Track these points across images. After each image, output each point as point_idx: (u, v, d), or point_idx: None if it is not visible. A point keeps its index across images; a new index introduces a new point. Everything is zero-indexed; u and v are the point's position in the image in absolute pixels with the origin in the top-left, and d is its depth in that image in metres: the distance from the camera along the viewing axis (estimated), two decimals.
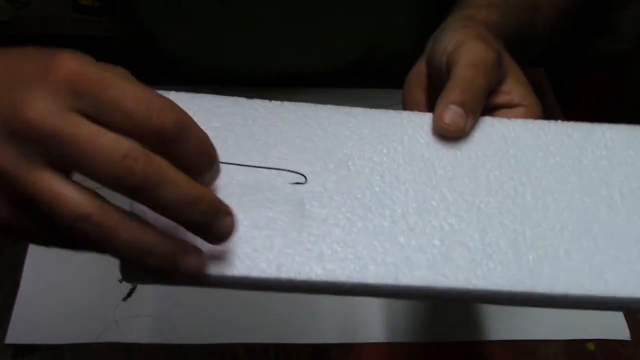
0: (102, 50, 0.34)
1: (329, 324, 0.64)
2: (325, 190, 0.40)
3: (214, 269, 0.37)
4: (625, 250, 0.39)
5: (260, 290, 0.38)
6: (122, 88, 0.33)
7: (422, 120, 0.45)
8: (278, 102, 0.45)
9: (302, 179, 0.40)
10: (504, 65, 0.49)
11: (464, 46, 0.48)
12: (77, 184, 0.33)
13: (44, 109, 0.32)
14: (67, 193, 0.33)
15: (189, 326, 0.63)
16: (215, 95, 0.44)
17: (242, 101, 0.44)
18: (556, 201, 0.41)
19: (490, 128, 0.45)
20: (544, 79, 0.91)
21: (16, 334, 0.62)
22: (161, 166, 0.33)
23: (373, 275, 0.37)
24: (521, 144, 0.44)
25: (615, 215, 0.41)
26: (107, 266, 0.70)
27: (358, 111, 0.45)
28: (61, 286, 0.65)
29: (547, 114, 0.87)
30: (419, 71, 0.54)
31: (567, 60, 1.70)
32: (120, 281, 0.39)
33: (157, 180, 0.32)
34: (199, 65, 0.83)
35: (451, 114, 0.44)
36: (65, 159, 0.32)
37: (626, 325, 0.65)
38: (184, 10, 0.77)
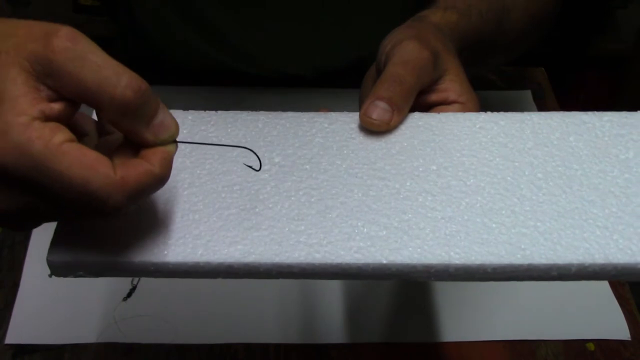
0: None
1: (329, 324, 0.64)
2: (250, 183, 0.42)
3: (142, 256, 0.39)
4: (544, 222, 0.40)
5: (186, 276, 0.40)
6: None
7: (351, 119, 0.47)
8: (212, 112, 0.47)
9: (257, 165, 0.42)
10: (441, 64, 0.50)
11: (398, 45, 0.49)
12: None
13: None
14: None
15: (189, 326, 0.63)
16: None
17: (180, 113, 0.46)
18: (478, 181, 0.43)
19: (418, 121, 0.46)
20: (544, 79, 0.91)
21: (16, 334, 0.62)
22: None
23: (288, 255, 0.39)
24: (447, 133, 0.45)
25: (537, 191, 0.42)
26: None
27: (289, 114, 0.47)
28: (61, 286, 0.65)
29: None
30: (371, 73, 0.55)
31: (567, 60, 1.70)
32: (50, 275, 0.40)
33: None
34: (199, 65, 0.83)
35: (377, 109, 0.45)
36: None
37: (626, 325, 0.65)
38: (183, 11, 0.77)
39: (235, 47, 0.80)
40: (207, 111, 0.46)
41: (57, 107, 0.33)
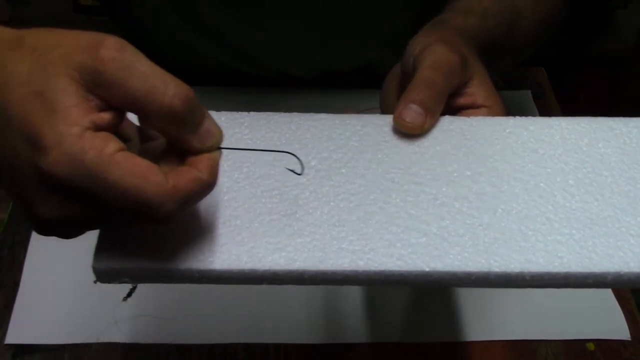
0: None
1: (329, 324, 0.64)
2: (289, 187, 0.42)
3: (188, 263, 0.39)
4: (579, 230, 0.41)
5: (229, 282, 0.40)
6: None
7: (384, 122, 0.47)
8: (244, 113, 0.47)
9: (298, 169, 0.43)
10: (469, 68, 0.50)
11: (428, 49, 0.50)
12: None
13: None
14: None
15: (189, 326, 0.63)
16: None
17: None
18: (512, 187, 0.43)
19: (450, 125, 0.47)
20: (544, 79, 0.91)
21: (16, 334, 0.62)
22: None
23: (332, 262, 0.39)
24: (479, 138, 0.46)
25: (570, 198, 0.43)
26: None
27: (322, 116, 0.47)
28: (61, 286, 0.65)
29: (547, 114, 0.87)
30: (394, 73, 0.55)
31: (567, 60, 1.70)
32: (95, 282, 0.40)
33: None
34: (199, 65, 0.83)
35: (410, 112, 0.46)
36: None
37: (626, 325, 0.65)
38: (183, 11, 0.77)
39: (236, 47, 0.80)
40: (239, 112, 0.46)
41: (106, 116, 0.33)
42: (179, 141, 0.35)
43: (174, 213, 0.34)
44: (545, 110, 0.86)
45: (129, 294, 0.65)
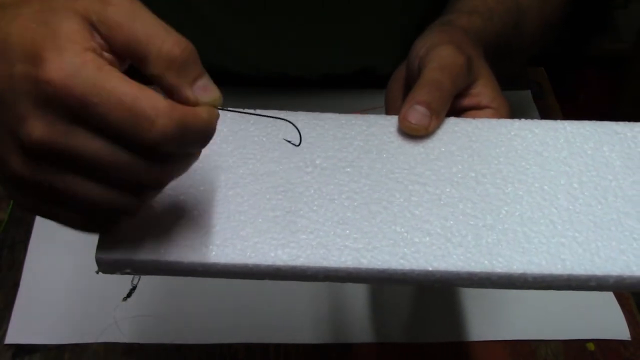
0: None
1: (328, 324, 0.64)
2: (293, 185, 0.43)
3: (191, 256, 0.39)
4: (582, 233, 0.41)
5: (232, 277, 0.40)
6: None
7: (389, 122, 0.47)
8: (250, 110, 0.47)
9: (296, 140, 0.44)
10: (474, 69, 0.50)
11: (434, 50, 0.50)
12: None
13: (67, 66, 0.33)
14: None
15: (189, 326, 0.63)
16: None
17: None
18: (516, 190, 0.43)
19: (455, 127, 0.47)
20: (544, 79, 0.91)
21: (16, 334, 0.62)
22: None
23: (335, 259, 0.39)
24: (483, 140, 0.46)
25: (574, 201, 0.43)
26: None
27: (327, 116, 0.47)
28: (61, 286, 0.65)
29: (547, 114, 0.87)
30: (399, 73, 0.55)
31: (567, 60, 1.70)
32: (97, 272, 0.40)
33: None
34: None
35: (416, 113, 0.46)
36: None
37: (626, 325, 0.65)
38: (184, 11, 0.77)
39: (235, 47, 0.80)
40: (245, 110, 0.47)
41: (107, 57, 0.34)
42: (174, 91, 0.35)
43: (169, 135, 0.33)
44: (545, 110, 0.86)
45: (129, 294, 0.65)
